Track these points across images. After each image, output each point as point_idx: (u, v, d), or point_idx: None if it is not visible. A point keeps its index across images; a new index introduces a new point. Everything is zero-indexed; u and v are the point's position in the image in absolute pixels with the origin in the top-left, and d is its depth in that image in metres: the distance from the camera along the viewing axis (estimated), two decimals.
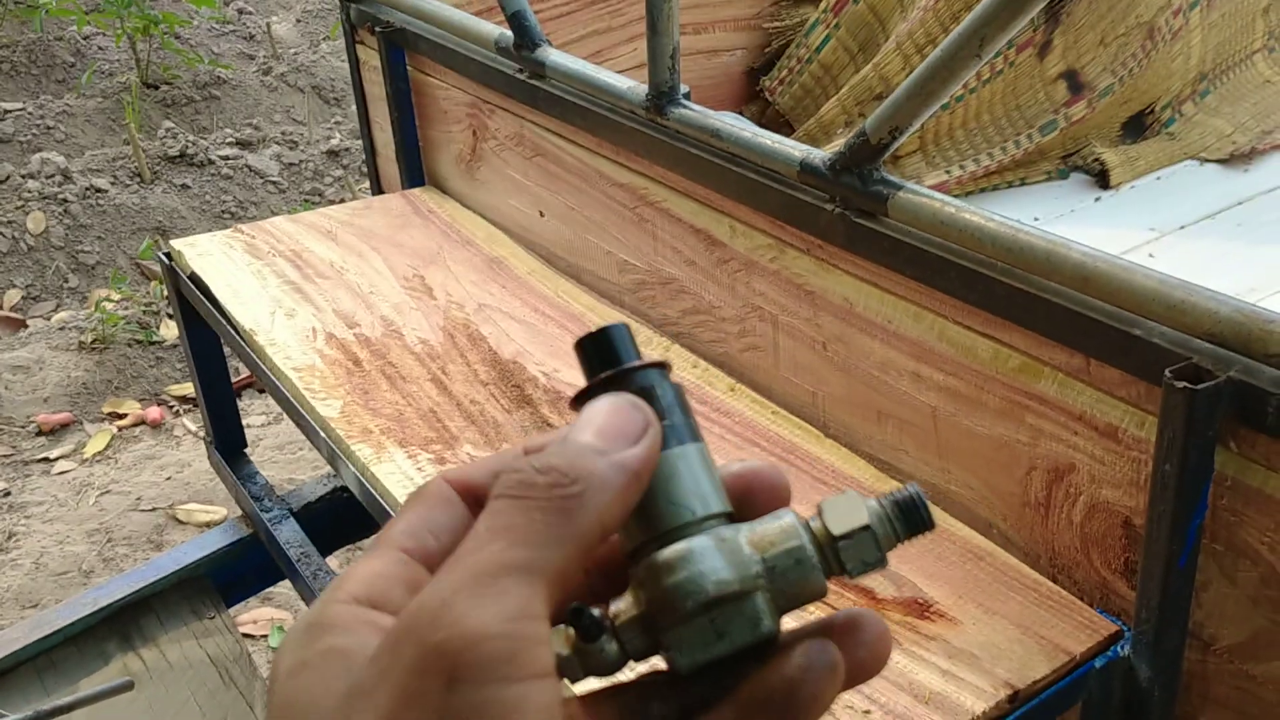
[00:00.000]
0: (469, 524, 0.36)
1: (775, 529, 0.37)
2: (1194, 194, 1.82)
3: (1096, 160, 1.86)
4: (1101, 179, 1.86)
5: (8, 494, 2.85)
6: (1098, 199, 1.84)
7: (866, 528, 0.37)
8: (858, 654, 0.36)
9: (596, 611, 0.37)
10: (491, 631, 0.32)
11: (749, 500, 0.39)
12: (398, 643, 0.33)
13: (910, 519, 0.38)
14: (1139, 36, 1.79)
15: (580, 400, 0.39)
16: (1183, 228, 1.73)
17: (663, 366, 0.40)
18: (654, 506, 0.37)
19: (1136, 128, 1.91)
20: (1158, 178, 1.88)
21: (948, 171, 1.80)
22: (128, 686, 1.07)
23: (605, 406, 0.37)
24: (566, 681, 0.38)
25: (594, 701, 0.38)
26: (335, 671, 0.34)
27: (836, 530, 0.37)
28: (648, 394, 0.38)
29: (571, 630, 0.37)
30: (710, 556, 0.36)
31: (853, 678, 0.36)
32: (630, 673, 0.39)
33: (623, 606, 0.37)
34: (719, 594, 0.35)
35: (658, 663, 0.38)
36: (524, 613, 0.32)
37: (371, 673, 0.33)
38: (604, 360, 0.39)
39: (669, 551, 0.36)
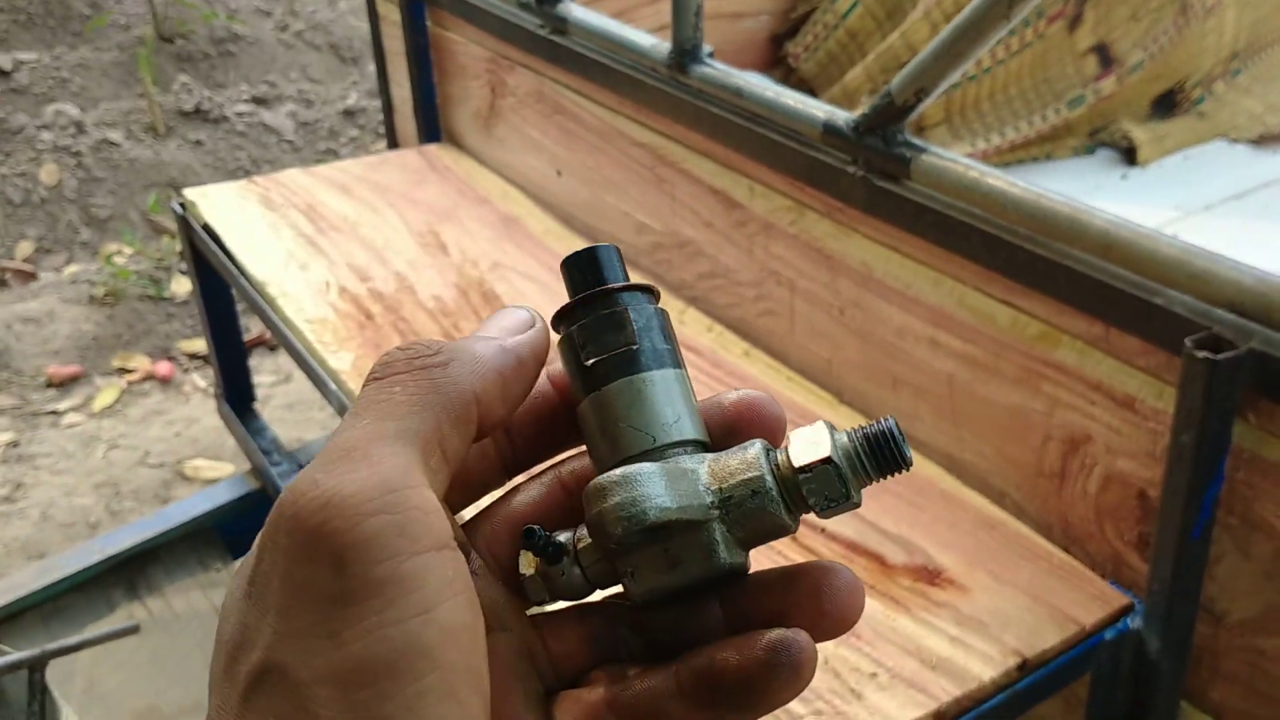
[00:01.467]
0: None
1: (738, 459, 0.35)
2: (1222, 174, 1.80)
3: (1124, 137, 1.84)
4: (1128, 156, 1.84)
5: (16, 445, 2.86)
6: (1124, 176, 1.82)
7: (828, 460, 0.34)
8: (818, 620, 0.34)
9: (563, 537, 0.36)
10: (372, 507, 0.29)
11: (739, 431, 0.37)
12: (274, 530, 0.30)
13: (881, 455, 0.35)
14: (1172, 12, 1.76)
15: (557, 319, 0.38)
16: (1209, 207, 1.71)
17: (648, 290, 0.38)
18: (616, 431, 0.35)
19: (1166, 105, 1.88)
20: (1186, 156, 1.85)
21: (973, 144, 1.78)
22: (133, 630, 1.07)
23: (499, 312, 0.37)
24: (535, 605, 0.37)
25: (558, 622, 0.37)
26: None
27: (798, 462, 0.35)
28: (620, 316, 0.37)
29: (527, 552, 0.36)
30: (651, 482, 0.34)
31: (816, 635, 0.34)
32: (598, 596, 0.37)
33: (586, 530, 0.36)
34: (659, 520, 0.33)
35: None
36: (404, 481, 0.30)
37: (261, 566, 0.31)
38: (587, 281, 0.37)
39: (610, 474, 0.34)
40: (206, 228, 1.53)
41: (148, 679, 1.40)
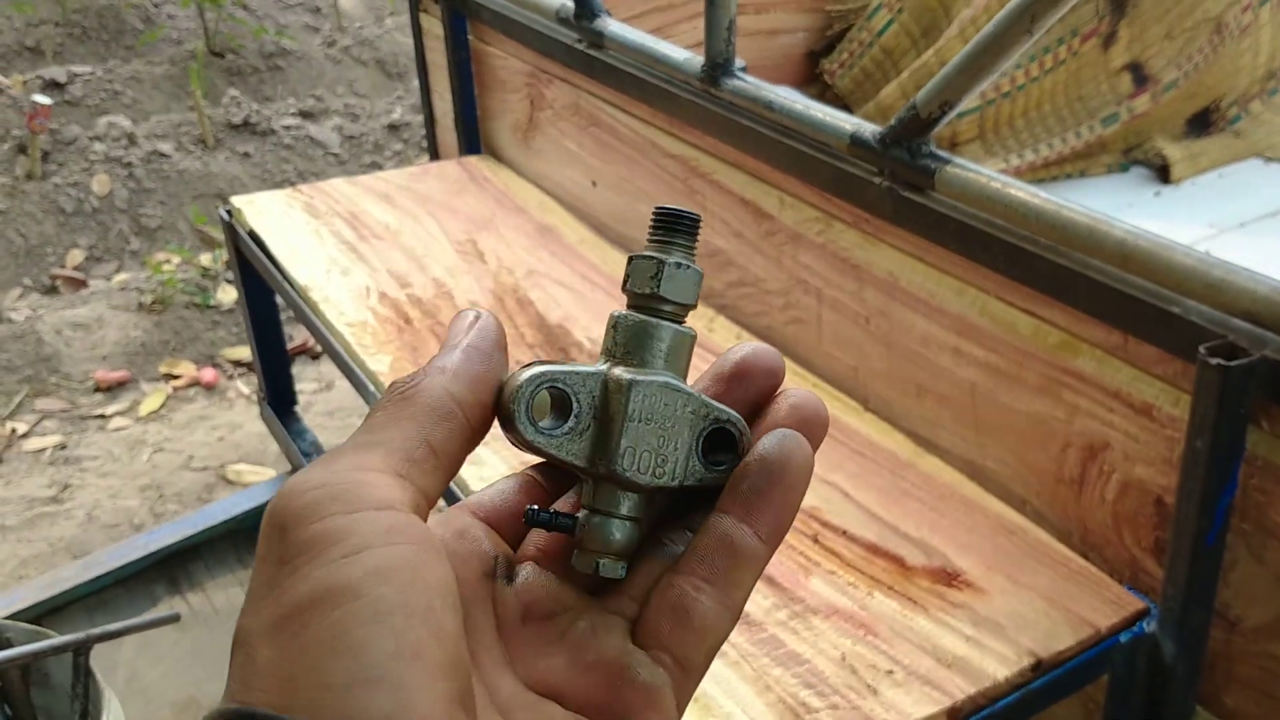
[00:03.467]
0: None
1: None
2: (1256, 192, 1.80)
3: (1158, 155, 1.85)
4: (1162, 174, 1.85)
5: (64, 447, 2.93)
6: (1157, 194, 1.82)
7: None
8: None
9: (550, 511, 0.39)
10: (312, 483, 0.32)
11: (743, 381, 0.40)
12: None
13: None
14: (1207, 30, 1.77)
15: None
16: (1243, 225, 1.71)
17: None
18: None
19: (1201, 123, 1.89)
20: (1220, 175, 1.86)
21: (1006, 160, 1.80)
22: (174, 618, 1.10)
23: (450, 325, 0.40)
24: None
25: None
26: None
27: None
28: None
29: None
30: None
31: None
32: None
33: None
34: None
35: None
36: (348, 466, 0.33)
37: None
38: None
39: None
40: (252, 234, 1.57)
41: (187, 671, 1.44)
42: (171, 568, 1.58)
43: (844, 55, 2.00)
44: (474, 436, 0.37)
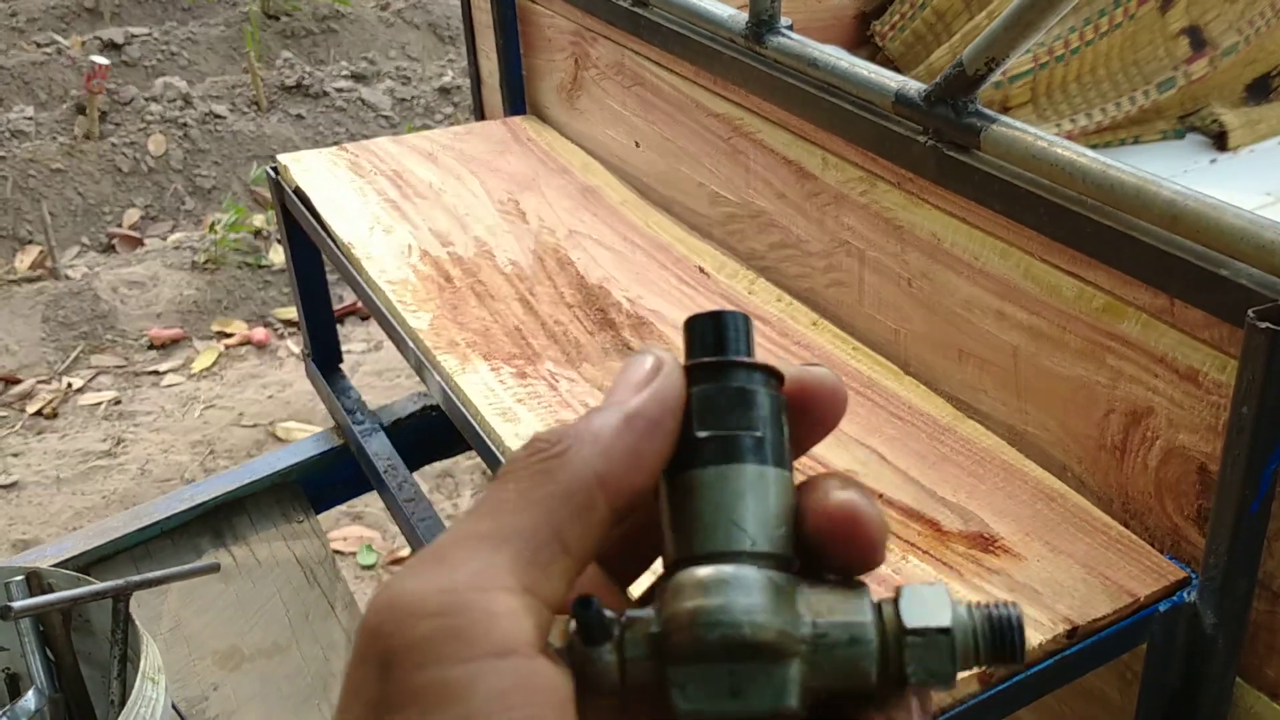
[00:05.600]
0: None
1: (840, 596, 0.32)
2: None
3: (1215, 121, 1.80)
4: (1219, 141, 1.81)
5: (118, 402, 2.98)
6: (1213, 161, 1.78)
7: (946, 631, 0.31)
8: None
9: (609, 613, 0.31)
10: (428, 607, 0.28)
11: (803, 409, 0.35)
12: (358, 628, 0.29)
13: (999, 642, 0.31)
14: None
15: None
16: None
17: (770, 372, 0.34)
18: (708, 519, 0.32)
19: (1260, 90, 1.84)
20: (1279, 142, 1.81)
21: (1059, 125, 1.76)
22: (214, 568, 1.12)
23: (626, 364, 0.33)
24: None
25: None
26: None
27: (910, 623, 0.31)
28: (743, 396, 0.33)
29: (573, 623, 0.31)
30: (757, 592, 0.30)
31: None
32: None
33: (640, 617, 0.31)
34: (751, 639, 0.30)
35: None
36: (473, 583, 0.28)
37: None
38: (713, 348, 0.34)
39: (709, 570, 0.31)
40: (298, 191, 1.58)
41: (230, 621, 1.46)
42: (217, 520, 1.60)
43: (895, 17, 1.97)
44: (616, 525, 0.32)
